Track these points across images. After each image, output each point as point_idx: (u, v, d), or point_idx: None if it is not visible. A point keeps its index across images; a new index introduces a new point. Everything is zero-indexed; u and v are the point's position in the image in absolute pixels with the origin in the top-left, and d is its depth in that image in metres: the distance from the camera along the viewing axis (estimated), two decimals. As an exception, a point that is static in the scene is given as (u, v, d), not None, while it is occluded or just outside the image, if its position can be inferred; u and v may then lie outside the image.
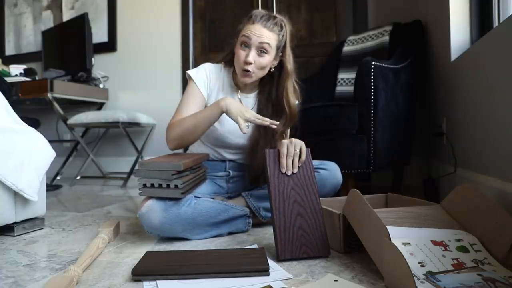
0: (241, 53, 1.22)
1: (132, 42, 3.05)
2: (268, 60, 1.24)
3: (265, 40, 1.20)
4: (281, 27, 1.25)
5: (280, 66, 1.30)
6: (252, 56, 1.21)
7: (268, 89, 1.32)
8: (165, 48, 2.94)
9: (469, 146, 1.36)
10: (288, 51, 1.29)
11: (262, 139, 1.29)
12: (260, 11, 1.25)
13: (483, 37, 1.25)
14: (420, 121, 2.08)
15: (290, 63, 1.29)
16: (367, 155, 1.62)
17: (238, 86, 1.34)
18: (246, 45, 1.22)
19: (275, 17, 1.25)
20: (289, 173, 1.02)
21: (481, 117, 1.24)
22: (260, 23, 1.21)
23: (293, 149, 1.03)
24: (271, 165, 1.03)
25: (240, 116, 1.15)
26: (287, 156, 1.03)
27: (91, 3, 3.15)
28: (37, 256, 1.00)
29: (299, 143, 1.05)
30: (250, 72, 1.23)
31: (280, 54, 1.28)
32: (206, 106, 1.33)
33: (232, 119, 1.17)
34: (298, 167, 1.03)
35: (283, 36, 1.26)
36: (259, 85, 1.35)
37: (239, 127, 1.15)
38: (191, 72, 1.32)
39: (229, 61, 1.35)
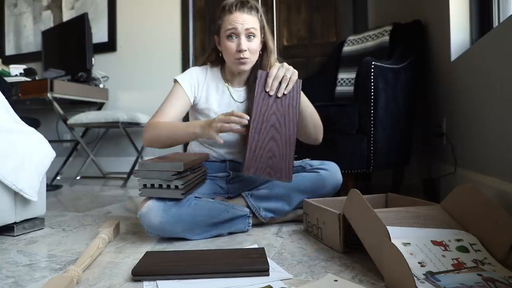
0: (231, 45, 1.23)
1: (132, 42, 3.05)
2: (257, 43, 1.26)
3: (250, 24, 1.22)
4: (256, 9, 1.27)
5: (264, 46, 1.32)
6: (244, 43, 1.22)
7: (255, 73, 1.32)
8: (165, 48, 2.94)
9: (469, 146, 1.36)
10: (267, 30, 1.31)
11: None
12: (231, 0, 1.26)
13: (483, 37, 1.25)
14: (420, 121, 2.08)
15: (271, 41, 1.33)
16: (367, 155, 1.62)
17: (228, 81, 1.35)
18: (234, 36, 1.23)
19: (248, 1, 1.26)
20: (272, 93, 1.07)
21: (481, 117, 1.24)
22: (238, 10, 1.22)
23: (282, 72, 1.08)
24: (259, 85, 1.07)
25: (211, 133, 1.11)
26: (274, 77, 1.08)
27: (91, 3, 3.15)
28: (37, 256, 1.00)
29: (292, 70, 1.09)
30: (247, 58, 1.24)
31: (262, 35, 1.30)
32: (194, 109, 1.35)
33: (207, 139, 1.19)
34: (284, 94, 1.08)
35: (261, 16, 1.28)
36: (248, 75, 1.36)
37: (216, 140, 1.12)
38: (178, 76, 1.34)
39: (213, 61, 1.37)
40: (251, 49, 1.24)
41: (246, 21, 1.22)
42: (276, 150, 0.98)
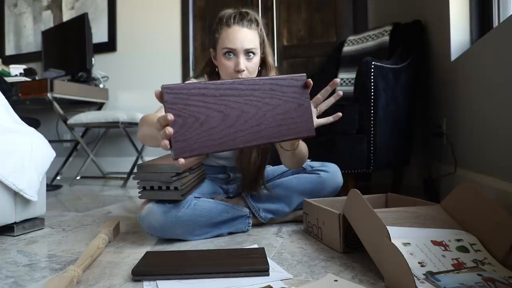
0: (228, 64, 1.15)
1: (132, 42, 3.05)
2: (257, 61, 1.18)
3: (250, 44, 1.14)
4: (256, 21, 1.18)
5: (262, 62, 1.25)
6: (243, 63, 1.14)
7: None
8: (165, 48, 2.94)
9: (469, 146, 1.36)
10: (267, 44, 1.24)
11: None
12: (228, 11, 1.18)
13: (483, 37, 1.25)
14: (420, 121, 2.08)
15: (271, 56, 1.26)
16: (367, 155, 1.62)
17: None
18: (231, 54, 1.15)
19: (247, 13, 1.17)
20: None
21: (481, 117, 1.24)
22: (237, 24, 1.14)
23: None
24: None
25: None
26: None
27: (91, 3, 3.15)
28: (37, 256, 1.00)
29: None
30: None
31: (262, 51, 1.22)
32: None
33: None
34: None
35: (261, 30, 1.20)
36: None
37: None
38: None
39: (209, 73, 1.29)
40: (249, 68, 1.15)
41: (247, 38, 1.13)
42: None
